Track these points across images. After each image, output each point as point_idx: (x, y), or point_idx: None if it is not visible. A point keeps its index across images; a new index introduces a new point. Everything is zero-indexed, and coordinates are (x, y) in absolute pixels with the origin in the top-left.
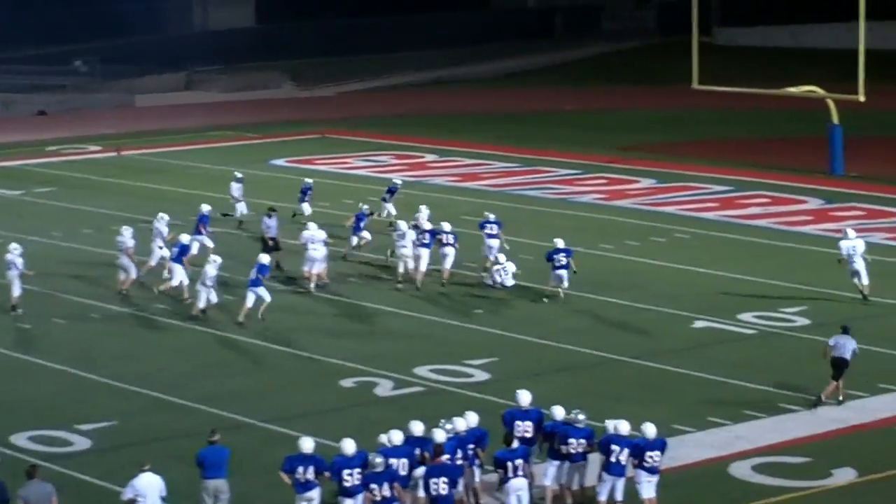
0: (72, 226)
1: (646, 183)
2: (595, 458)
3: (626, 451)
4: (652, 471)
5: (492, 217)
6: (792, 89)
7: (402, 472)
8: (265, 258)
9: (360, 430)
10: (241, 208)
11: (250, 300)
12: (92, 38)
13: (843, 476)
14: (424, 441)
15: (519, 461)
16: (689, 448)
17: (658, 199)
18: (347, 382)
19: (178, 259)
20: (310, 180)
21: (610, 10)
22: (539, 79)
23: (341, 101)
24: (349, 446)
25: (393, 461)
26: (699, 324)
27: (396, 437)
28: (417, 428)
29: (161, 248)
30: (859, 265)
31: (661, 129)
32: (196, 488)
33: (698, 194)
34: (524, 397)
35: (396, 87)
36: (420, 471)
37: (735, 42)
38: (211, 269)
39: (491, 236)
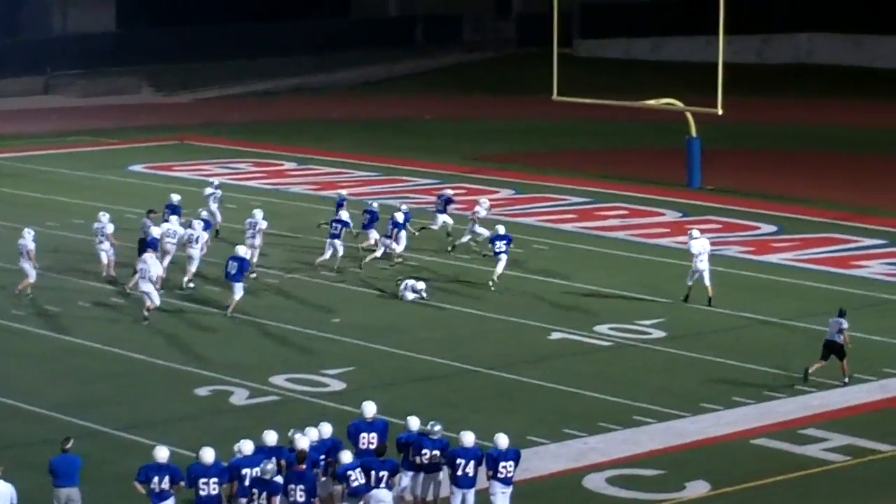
0: None
1: (504, 193)
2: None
3: (472, 462)
4: (505, 482)
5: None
6: (651, 102)
7: None
8: (241, 250)
9: (216, 438)
10: (216, 213)
11: (237, 292)
12: None
13: (697, 489)
14: (278, 450)
15: (384, 473)
16: (544, 459)
17: (516, 210)
18: (203, 391)
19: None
20: (344, 192)
21: (470, 20)
22: (399, 87)
23: (200, 108)
24: (208, 455)
25: (245, 471)
26: (555, 335)
27: (246, 446)
28: (271, 437)
29: (109, 247)
30: (703, 265)
31: (520, 140)
32: (48, 497)
33: (557, 205)
34: (369, 409)
35: (256, 93)
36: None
37: (596, 54)
38: (157, 268)
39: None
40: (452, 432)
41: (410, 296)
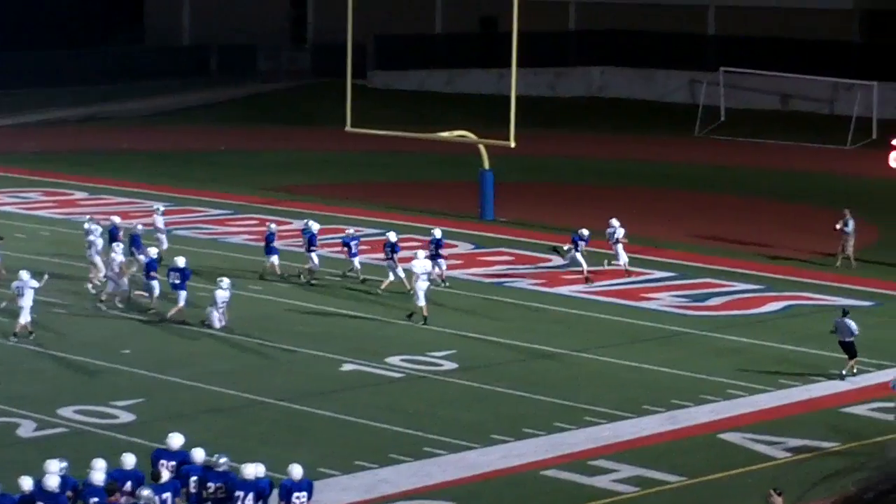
0: None
1: (298, 225)
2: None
3: (251, 495)
4: None
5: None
6: (444, 134)
7: None
8: (181, 260)
9: (2, 471)
10: (163, 240)
11: (182, 300)
12: None
13: None
14: (63, 480)
15: (167, 495)
16: (334, 491)
17: None
18: None
19: (151, 275)
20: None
21: (265, 50)
22: (193, 117)
23: None
24: None
25: None
26: (347, 367)
27: (26, 482)
28: (53, 467)
29: None
30: (423, 285)
31: (314, 171)
32: None
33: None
34: (175, 440)
35: (48, 122)
36: None
37: (390, 85)
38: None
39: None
40: (243, 464)
41: (216, 315)
